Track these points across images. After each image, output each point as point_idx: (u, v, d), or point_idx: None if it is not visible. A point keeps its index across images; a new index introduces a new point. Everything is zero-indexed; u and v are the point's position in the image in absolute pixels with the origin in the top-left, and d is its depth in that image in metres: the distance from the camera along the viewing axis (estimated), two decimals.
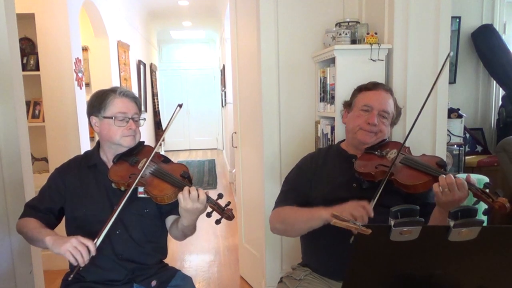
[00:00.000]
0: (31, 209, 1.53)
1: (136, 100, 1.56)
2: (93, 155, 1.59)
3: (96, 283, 1.49)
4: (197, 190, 1.34)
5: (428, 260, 0.95)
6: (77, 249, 1.27)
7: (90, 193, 1.52)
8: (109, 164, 1.55)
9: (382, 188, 1.35)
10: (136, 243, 1.52)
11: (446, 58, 1.49)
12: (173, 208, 1.49)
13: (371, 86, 1.63)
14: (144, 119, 1.60)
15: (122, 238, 1.50)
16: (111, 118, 1.49)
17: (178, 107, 1.46)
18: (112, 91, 1.53)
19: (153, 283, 1.54)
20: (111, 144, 1.53)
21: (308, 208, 1.46)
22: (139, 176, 1.40)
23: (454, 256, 0.94)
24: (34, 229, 1.43)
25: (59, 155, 2.91)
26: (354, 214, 1.28)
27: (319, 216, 1.38)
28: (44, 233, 1.38)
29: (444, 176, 1.29)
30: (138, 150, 1.56)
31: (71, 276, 1.34)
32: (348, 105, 1.69)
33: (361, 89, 1.66)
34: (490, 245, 0.92)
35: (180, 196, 1.34)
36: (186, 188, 1.34)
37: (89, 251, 1.28)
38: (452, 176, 1.28)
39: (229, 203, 1.36)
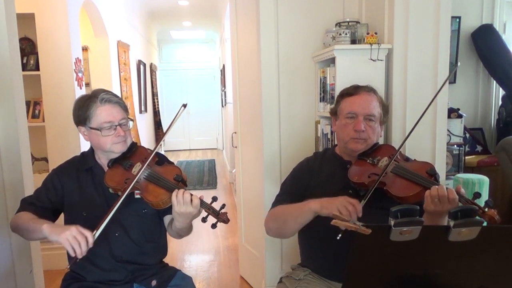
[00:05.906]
0: (28, 204, 1.50)
1: (120, 104, 1.51)
2: (89, 157, 1.58)
3: (96, 283, 1.49)
4: (190, 194, 1.33)
5: (428, 260, 0.95)
6: (76, 239, 1.24)
7: (89, 196, 1.51)
8: (105, 167, 1.53)
9: (372, 191, 1.36)
10: (135, 243, 1.52)
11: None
12: (170, 207, 1.49)
13: (353, 91, 1.59)
14: (132, 120, 1.56)
15: (121, 239, 1.50)
16: (98, 129, 1.46)
17: (183, 107, 1.44)
18: (94, 97, 1.47)
19: (153, 283, 1.54)
20: (102, 151, 1.53)
21: (298, 203, 1.46)
22: (133, 182, 1.39)
23: (454, 256, 0.94)
24: (30, 220, 1.39)
25: (59, 155, 2.90)
26: (341, 211, 1.27)
27: (308, 208, 1.38)
28: (41, 222, 1.36)
29: (437, 187, 1.29)
30: (132, 153, 1.54)
31: (69, 267, 1.32)
32: (334, 113, 1.66)
33: (343, 95, 1.62)
34: (490, 245, 0.92)
35: (174, 199, 1.33)
36: (175, 192, 1.34)
37: (87, 242, 1.26)
38: (444, 188, 1.28)
39: (223, 205, 1.35)
